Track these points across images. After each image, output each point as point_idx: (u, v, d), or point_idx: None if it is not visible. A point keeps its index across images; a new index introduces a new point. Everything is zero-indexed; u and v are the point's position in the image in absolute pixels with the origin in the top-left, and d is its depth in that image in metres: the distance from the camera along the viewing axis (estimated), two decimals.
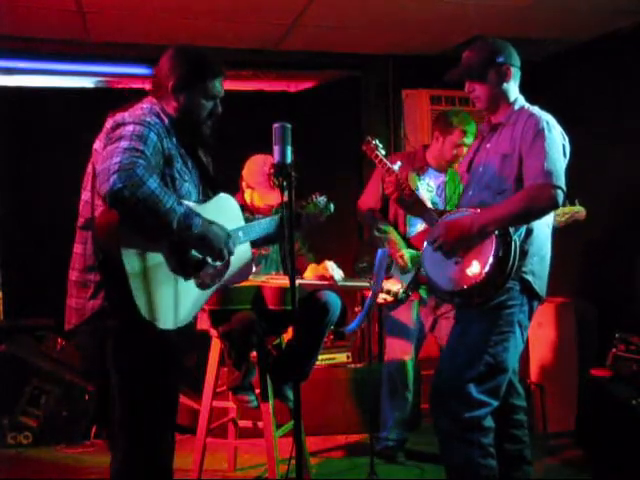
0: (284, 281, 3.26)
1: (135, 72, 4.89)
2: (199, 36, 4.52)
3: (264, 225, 2.65)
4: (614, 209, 4.41)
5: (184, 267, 2.26)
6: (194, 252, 2.26)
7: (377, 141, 3.18)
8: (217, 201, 2.44)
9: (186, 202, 2.23)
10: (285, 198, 2.26)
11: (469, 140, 3.72)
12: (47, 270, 4.84)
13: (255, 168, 3.52)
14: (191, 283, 2.29)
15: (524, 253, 2.64)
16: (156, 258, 2.18)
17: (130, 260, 2.09)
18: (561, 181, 2.56)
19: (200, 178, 2.43)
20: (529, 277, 2.66)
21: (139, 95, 2.46)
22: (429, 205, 3.57)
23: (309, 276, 3.50)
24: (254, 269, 3.40)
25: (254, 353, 3.29)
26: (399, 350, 3.87)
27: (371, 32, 4.54)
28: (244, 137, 3.88)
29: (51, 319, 4.48)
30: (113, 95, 5.10)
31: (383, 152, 3.17)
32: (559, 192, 2.55)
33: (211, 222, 2.27)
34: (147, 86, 2.46)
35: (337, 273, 3.42)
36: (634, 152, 4.23)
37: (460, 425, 2.66)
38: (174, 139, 2.30)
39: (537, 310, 2.82)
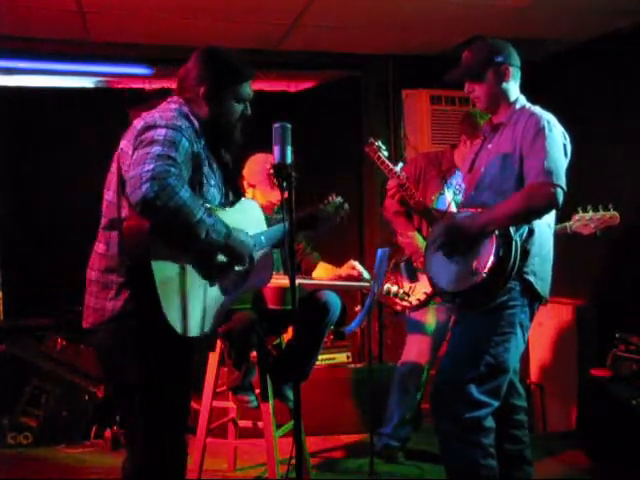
0: (285, 280, 3.26)
1: (135, 72, 4.89)
2: (199, 36, 4.52)
3: (283, 228, 2.65)
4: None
5: (209, 272, 2.25)
6: (219, 257, 2.25)
7: (379, 143, 3.19)
8: (240, 206, 2.44)
9: (209, 206, 2.22)
10: (286, 196, 2.26)
11: None
12: (47, 270, 4.86)
13: (256, 167, 3.53)
14: (216, 290, 2.29)
15: (525, 253, 2.64)
16: (183, 265, 2.16)
17: (158, 269, 2.07)
18: (561, 180, 2.56)
19: (223, 179, 2.40)
20: (530, 277, 2.66)
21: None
22: (452, 208, 3.55)
23: (320, 275, 3.50)
24: None
25: (254, 353, 3.29)
26: (416, 353, 3.82)
27: (371, 32, 4.54)
28: (244, 137, 3.87)
29: (51, 319, 4.49)
30: (113, 95, 5.10)
31: (386, 154, 3.18)
32: (559, 191, 2.54)
33: (237, 230, 2.26)
34: (172, 85, 2.42)
35: (364, 271, 3.42)
36: (634, 152, 4.23)
37: (461, 425, 2.66)
38: (203, 142, 2.27)
39: (537, 310, 2.82)
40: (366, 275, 3.40)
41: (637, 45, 4.23)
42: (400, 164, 3.16)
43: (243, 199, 2.48)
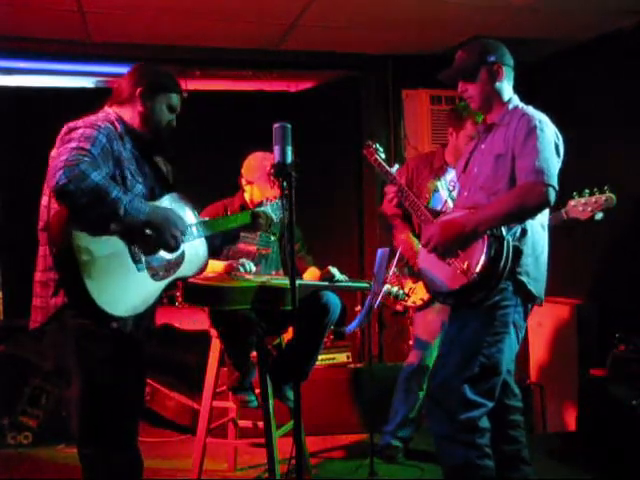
0: (285, 281, 3.27)
1: None
2: (199, 36, 4.52)
3: (220, 223, 2.75)
4: (614, 209, 4.40)
5: (135, 251, 2.33)
6: (146, 232, 2.33)
7: (377, 145, 3.20)
8: (166, 200, 2.51)
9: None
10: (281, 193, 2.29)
11: None
12: None
13: (255, 163, 3.55)
14: (145, 274, 2.36)
15: (518, 253, 2.64)
16: (108, 250, 2.26)
17: (82, 251, 2.19)
18: (553, 179, 2.56)
19: (156, 183, 2.53)
20: (523, 277, 2.65)
21: None
22: (449, 204, 3.56)
23: (308, 279, 3.51)
24: (254, 269, 3.41)
25: (254, 353, 3.29)
26: (421, 355, 3.80)
27: (371, 32, 4.54)
28: (244, 137, 3.87)
29: None
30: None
31: (383, 156, 3.19)
32: (550, 190, 2.54)
33: (160, 207, 2.39)
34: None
35: (337, 274, 3.45)
36: (634, 152, 4.23)
37: (456, 426, 2.65)
38: (128, 144, 2.42)
39: (537, 310, 2.82)
40: (338, 277, 3.44)
41: (637, 45, 4.23)
42: (396, 166, 3.17)
43: (169, 194, 2.54)
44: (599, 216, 3.33)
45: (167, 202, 2.50)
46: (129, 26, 4.33)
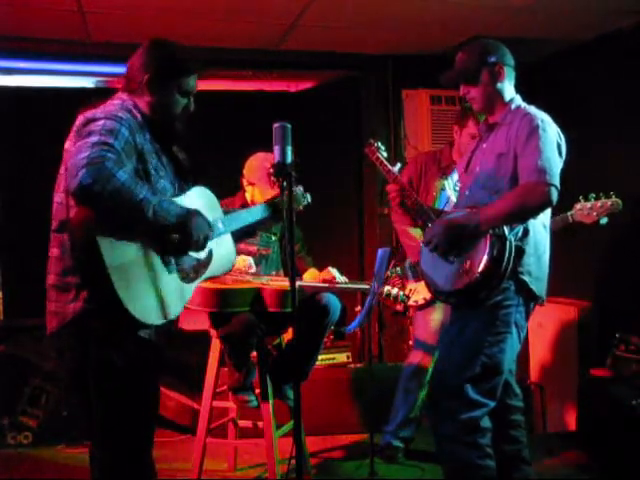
0: (284, 283, 3.27)
1: None
2: (199, 36, 4.52)
3: (244, 216, 2.61)
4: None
5: (165, 254, 2.20)
6: (173, 237, 2.19)
7: (379, 143, 3.19)
8: (193, 193, 2.40)
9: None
10: (283, 194, 2.26)
11: None
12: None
13: (256, 164, 3.55)
14: (175, 277, 2.26)
15: (520, 253, 2.63)
16: (137, 252, 2.12)
17: (110, 256, 2.03)
18: (555, 179, 2.55)
19: (176, 174, 2.38)
20: (525, 277, 2.65)
21: None
22: (452, 205, 3.54)
23: (308, 280, 3.51)
24: (254, 269, 3.41)
25: (254, 353, 3.29)
26: (421, 356, 3.80)
27: (371, 32, 4.54)
28: (244, 137, 3.87)
29: None
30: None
31: (385, 154, 3.19)
32: (552, 190, 2.54)
33: (191, 210, 2.22)
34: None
35: (338, 275, 3.44)
36: (634, 153, 4.23)
37: (457, 426, 2.65)
38: (147, 135, 2.25)
39: (538, 310, 2.82)
40: (339, 278, 3.43)
41: (637, 45, 4.22)
42: (398, 165, 3.16)
43: (195, 187, 2.43)
44: (604, 221, 3.33)
45: (194, 195, 2.36)
46: (129, 26, 4.32)
